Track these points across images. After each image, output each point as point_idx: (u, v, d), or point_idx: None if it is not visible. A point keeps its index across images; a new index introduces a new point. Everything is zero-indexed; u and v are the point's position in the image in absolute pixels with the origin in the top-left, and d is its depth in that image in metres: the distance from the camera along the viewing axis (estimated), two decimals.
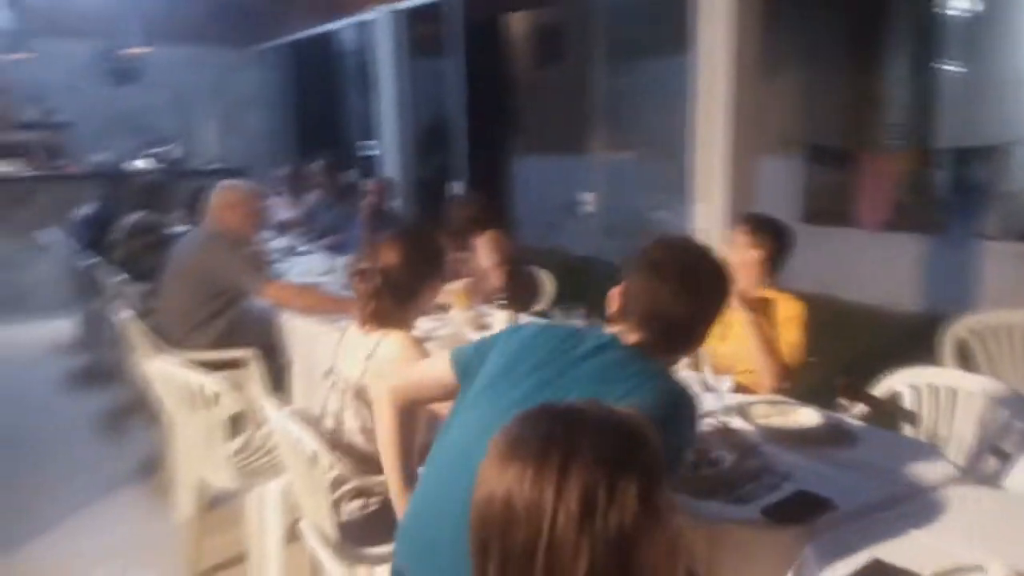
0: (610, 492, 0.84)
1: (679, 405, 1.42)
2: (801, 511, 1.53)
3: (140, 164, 6.73)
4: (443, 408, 1.69)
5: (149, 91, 7.83)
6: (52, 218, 5.95)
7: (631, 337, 1.50)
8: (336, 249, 4.97)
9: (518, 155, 8.91)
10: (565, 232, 7.52)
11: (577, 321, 2.52)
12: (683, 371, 1.96)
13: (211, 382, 2.33)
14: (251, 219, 3.51)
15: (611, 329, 1.55)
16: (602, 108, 5.54)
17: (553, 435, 0.88)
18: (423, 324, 2.63)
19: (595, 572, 0.84)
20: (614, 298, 1.56)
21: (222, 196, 3.47)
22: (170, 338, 3.21)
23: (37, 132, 6.80)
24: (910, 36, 6.48)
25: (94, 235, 4.72)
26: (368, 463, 1.98)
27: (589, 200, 5.01)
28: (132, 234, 4.30)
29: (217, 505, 2.83)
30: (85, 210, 5.01)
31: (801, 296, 2.57)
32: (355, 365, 2.10)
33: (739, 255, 2.53)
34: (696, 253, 1.56)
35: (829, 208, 6.71)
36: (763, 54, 3.78)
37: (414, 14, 5.98)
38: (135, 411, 4.16)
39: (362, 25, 6.59)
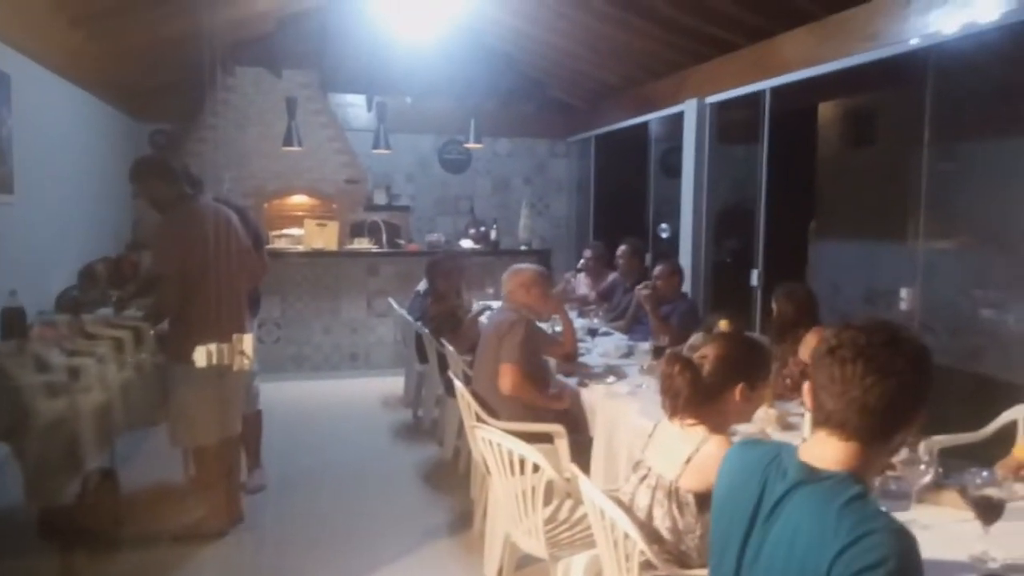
0: None
1: (910, 554, 1.24)
2: None
3: (464, 244, 7.53)
4: None
5: (473, 179, 8.87)
6: (392, 289, 6.93)
7: (827, 450, 1.38)
8: (631, 332, 5.14)
9: (818, 241, 8.51)
10: None
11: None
12: None
13: (532, 452, 2.54)
14: (541, 299, 3.79)
15: (805, 446, 1.44)
16: (918, 193, 5.14)
17: None
18: None
19: None
20: (807, 395, 1.45)
21: (516, 277, 3.81)
22: (484, 405, 3.49)
23: (383, 213, 7.92)
24: None
25: (425, 308, 5.36)
26: (677, 560, 2.04)
27: (904, 296, 4.64)
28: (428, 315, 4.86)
29: (523, 566, 2.98)
30: (420, 285, 5.66)
31: None
32: (672, 467, 2.09)
33: None
34: (876, 329, 1.37)
35: None
36: None
37: (723, 104, 6.12)
38: (450, 468, 4.62)
39: (669, 116, 6.85)
